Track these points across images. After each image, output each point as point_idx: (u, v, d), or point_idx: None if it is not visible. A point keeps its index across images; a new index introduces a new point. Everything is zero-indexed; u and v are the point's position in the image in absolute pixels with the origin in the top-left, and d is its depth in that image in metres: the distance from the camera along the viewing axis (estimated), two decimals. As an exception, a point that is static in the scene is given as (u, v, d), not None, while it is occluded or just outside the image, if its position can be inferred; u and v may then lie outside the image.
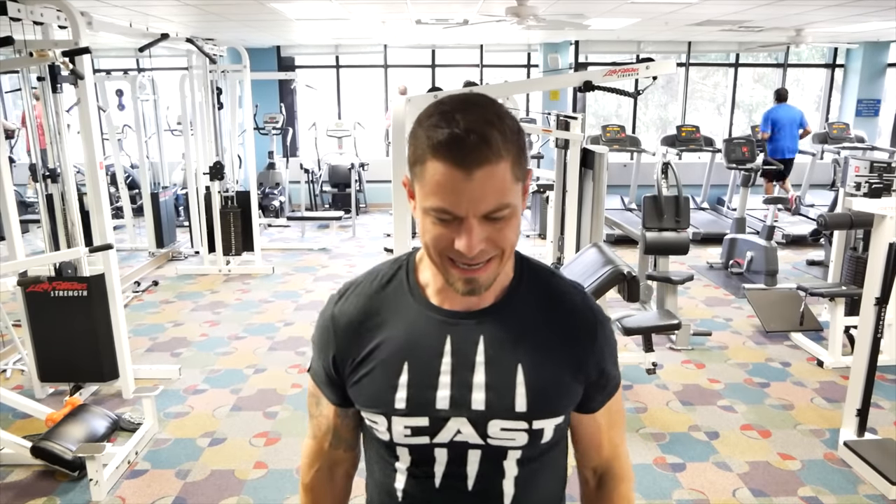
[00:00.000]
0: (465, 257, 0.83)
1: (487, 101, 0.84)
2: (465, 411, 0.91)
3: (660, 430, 3.27)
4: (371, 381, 0.94)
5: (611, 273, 3.15)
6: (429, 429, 0.92)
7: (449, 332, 0.93)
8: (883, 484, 2.72)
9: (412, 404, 0.91)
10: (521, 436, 0.92)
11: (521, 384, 0.91)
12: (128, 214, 6.96)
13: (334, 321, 0.98)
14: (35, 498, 2.72)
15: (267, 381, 3.83)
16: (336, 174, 8.91)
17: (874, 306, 2.88)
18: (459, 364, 0.92)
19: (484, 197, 0.81)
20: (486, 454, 0.93)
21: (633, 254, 5.67)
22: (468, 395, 0.91)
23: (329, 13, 5.72)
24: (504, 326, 0.94)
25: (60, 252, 3.50)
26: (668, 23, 6.74)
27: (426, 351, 0.93)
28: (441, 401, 0.91)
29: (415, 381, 0.92)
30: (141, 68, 8.53)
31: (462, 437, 0.92)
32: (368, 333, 0.96)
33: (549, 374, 0.93)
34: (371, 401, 0.94)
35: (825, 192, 8.53)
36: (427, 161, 0.81)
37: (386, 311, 0.96)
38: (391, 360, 0.93)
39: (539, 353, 0.93)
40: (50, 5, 3.19)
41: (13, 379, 3.89)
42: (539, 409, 0.92)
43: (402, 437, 0.93)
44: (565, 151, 4.40)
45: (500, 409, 0.91)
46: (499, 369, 0.92)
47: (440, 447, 0.93)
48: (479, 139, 0.79)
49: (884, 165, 4.02)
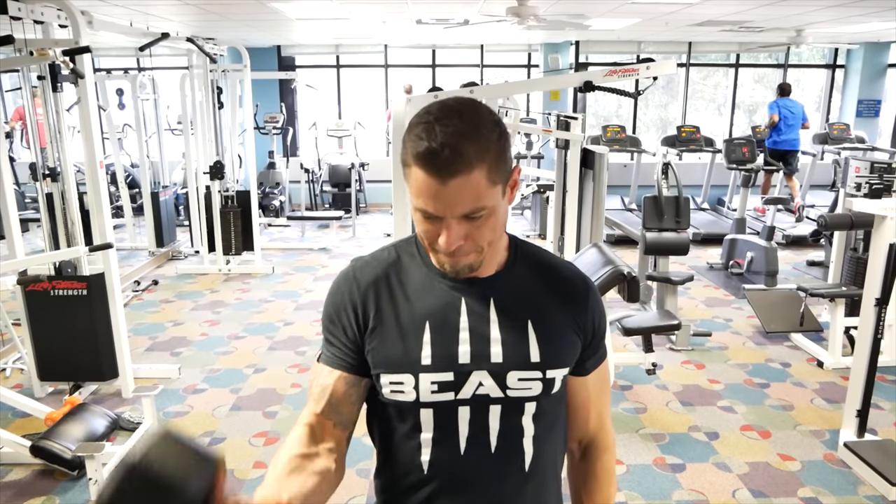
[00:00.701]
0: (445, 250, 0.94)
1: (470, 108, 0.92)
2: (486, 364, 0.99)
3: (660, 430, 3.26)
4: (394, 341, 1.00)
5: (611, 273, 3.14)
6: (453, 383, 0.98)
7: (462, 295, 1.02)
8: (883, 485, 2.72)
9: (437, 360, 0.98)
10: (536, 385, 1.00)
11: (533, 338, 1.01)
12: (128, 214, 6.96)
13: (357, 279, 1.05)
14: (34, 497, 2.72)
15: (267, 381, 3.83)
16: (336, 174, 8.91)
17: (874, 307, 2.88)
18: (476, 322, 1.01)
19: (459, 202, 0.90)
20: (506, 409, 1.00)
21: (633, 254, 5.67)
22: (487, 349, 1.00)
23: (329, 13, 5.72)
24: (509, 290, 1.04)
25: (60, 251, 3.50)
26: (669, 23, 6.73)
27: (445, 311, 1.01)
28: (463, 356, 0.99)
29: (437, 339, 0.99)
30: (141, 67, 8.53)
31: (483, 389, 0.99)
32: (388, 295, 1.03)
33: (555, 328, 1.03)
34: (397, 361, 0.99)
35: (825, 192, 8.53)
36: (411, 166, 0.91)
37: (403, 277, 1.04)
38: (413, 321, 1.00)
39: (544, 311, 1.04)
40: (50, 4, 3.18)
41: (13, 378, 3.89)
42: (551, 359, 1.01)
43: (428, 395, 0.98)
44: (565, 152, 4.39)
45: (517, 360, 1.00)
46: (511, 325, 1.01)
47: (463, 404, 0.99)
48: (452, 153, 0.87)
49: (884, 166, 4.01)
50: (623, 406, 3.51)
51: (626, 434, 3.22)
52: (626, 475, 2.88)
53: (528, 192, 6.78)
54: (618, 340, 4.19)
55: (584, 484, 1.14)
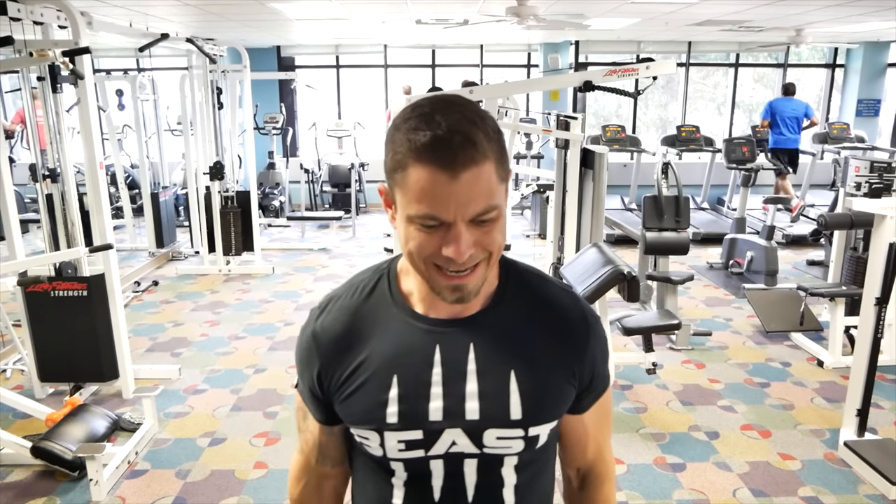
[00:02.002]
0: (455, 264, 0.81)
1: (465, 100, 0.83)
2: (460, 422, 0.89)
3: (660, 430, 3.26)
4: (360, 398, 0.91)
5: (611, 273, 3.14)
6: (423, 441, 0.90)
7: (437, 342, 0.90)
8: (883, 484, 2.72)
9: (405, 418, 0.89)
10: (517, 443, 0.91)
11: (515, 391, 0.89)
12: (128, 214, 6.96)
13: (316, 339, 0.95)
14: (35, 498, 2.72)
15: (267, 381, 3.83)
16: (336, 174, 8.91)
17: (874, 306, 2.88)
18: (451, 374, 0.89)
19: (472, 200, 0.78)
20: (483, 463, 0.92)
21: (633, 254, 5.67)
22: (462, 404, 0.89)
23: (329, 13, 5.73)
24: (494, 333, 0.91)
25: (60, 252, 3.50)
26: (669, 23, 6.73)
27: (415, 362, 0.90)
28: (434, 412, 0.89)
29: (406, 394, 0.89)
30: (141, 68, 8.54)
31: (457, 448, 0.90)
32: (353, 349, 0.92)
33: (543, 379, 0.91)
34: (361, 417, 0.91)
35: (825, 192, 8.53)
36: (409, 166, 0.78)
37: (370, 324, 0.93)
38: (379, 375, 0.90)
39: (531, 359, 0.91)
40: (50, 5, 3.18)
41: (13, 379, 3.89)
42: (535, 416, 0.90)
43: (395, 452, 0.91)
44: (565, 151, 4.40)
45: (495, 417, 0.89)
46: (491, 377, 0.89)
47: (436, 459, 0.91)
48: (464, 139, 0.76)
49: (884, 165, 4.02)
50: (623, 406, 3.51)
51: (626, 434, 3.22)
52: (627, 475, 2.88)
53: (528, 192, 6.79)
54: (618, 340, 4.19)
55: None
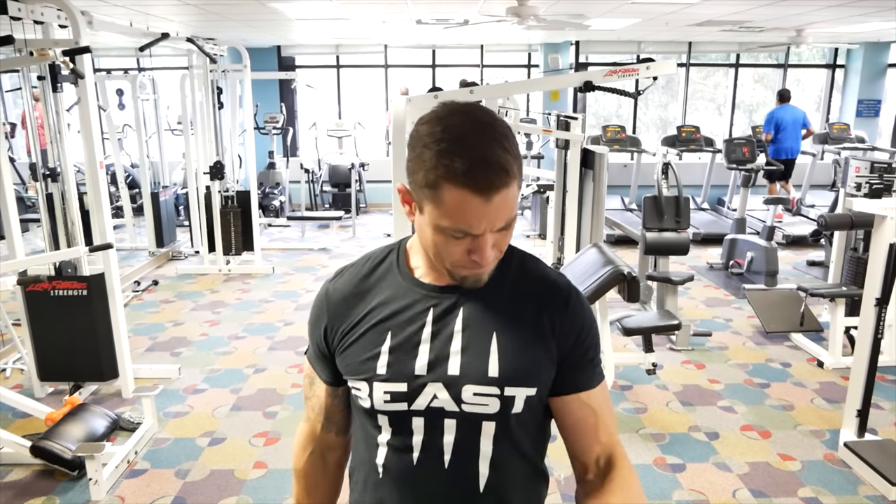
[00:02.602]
0: (479, 265, 0.92)
1: (491, 118, 0.89)
2: (442, 376, 0.96)
3: (660, 430, 3.26)
4: (356, 350, 1.00)
5: (611, 273, 3.14)
6: (406, 394, 0.96)
7: (431, 304, 0.99)
8: (883, 485, 2.72)
9: (392, 370, 0.97)
10: (493, 402, 0.95)
11: (495, 351, 0.96)
12: (128, 214, 6.96)
13: (328, 297, 1.06)
14: (34, 497, 2.72)
15: (267, 381, 3.83)
16: (336, 174, 8.91)
17: (874, 307, 2.88)
18: (438, 333, 0.98)
19: (499, 217, 0.88)
20: (461, 424, 0.96)
21: (634, 254, 5.67)
22: (445, 361, 0.96)
23: (329, 13, 5.72)
24: (483, 298, 0.99)
25: (60, 251, 3.50)
26: (669, 23, 6.73)
27: (408, 320, 0.99)
28: (420, 367, 0.96)
29: (396, 348, 0.98)
30: (141, 68, 8.53)
31: (438, 402, 0.96)
32: (357, 306, 1.02)
33: (522, 341, 0.97)
34: (356, 368, 1.00)
35: (825, 192, 8.53)
36: (444, 188, 0.85)
37: (375, 287, 1.03)
38: (376, 329, 0.99)
39: (513, 323, 0.98)
40: (50, 4, 3.18)
41: (13, 378, 3.89)
42: (510, 375, 0.95)
43: (381, 404, 0.97)
44: (566, 152, 4.40)
45: (474, 373, 0.95)
46: (475, 337, 0.97)
47: (417, 415, 0.97)
48: (499, 167, 0.84)
49: (884, 166, 4.01)
50: (623, 406, 3.51)
51: (626, 434, 3.22)
52: (627, 475, 2.87)
53: (528, 192, 6.79)
54: (618, 340, 4.19)
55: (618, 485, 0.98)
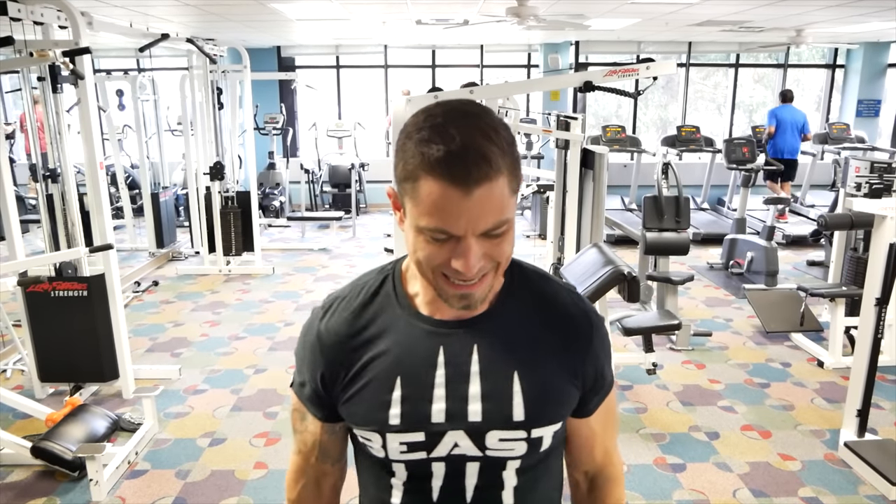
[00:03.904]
0: (463, 276, 0.81)
1: (481, 110, 0.81)
2: (462, 423, 0.89)
3: (660, 430, 3.26)
4: (363, 399, 0.91)
5: (611, 273, 3.14)
6: (425, 443, 0.89)
7: (441, 343, 0.90)
8: (883, 484, 2.72)
9: (407, 420, 0.89)
10: (520, 445, 0.90)
11: (518, 393, 0.89)
12: (128, 214, 6.96)
13: (321, 339, 0.94)
14: (35, 498, 2.72)
15: (267, 382, 3.83)
16: (336, 174, 8.91)
17: (874, 307, 2.88)
18: (454, 375, 0.89)
19: (483, 216, 0.77)
20: (485, 466, 0.91)
21: (634, 254, 5.67)
22: (464, 406, 0.89)
23: (329, 13, 5.73)
24: (498, 334, 0.91)
25: (60, 252, 3.50)
26: (669, 23, 6.73)
27: (419, 364, 0.90)
28: (437, 414, 0.89)
29: (409, 396, 0.89)
30: (141, 68, 8.54)
31: (460, 450, 0.90)
32: (358, 350, 0.92)
33: (546, 381, 0.91)
34: (364, 419, 0.91)
35: (825, 192, 8.53)
36: (420, 179, 0.77)
37: (374, 325, 0.93)
38: (383, 376, 0.90)
39: (535, 360, 0.91)
40: (50, 5, 3.19)
41: (13, 379, 3.89)
42: (537, 418, 0.90)
43: (397, 454, 0.90)
44: (565, 152, 4.39)
45: (498, 419, 0.89)
46: (495, 379, 0.89)
47: (437, 461, 0.91)
48: (478, 155, 0.75)
49: (884, 166, 4.01)
50: (623, 406, 3.51)
51: (626, 434, 3.22)
52: (627, 475, 2.87)
53: (528, 192, 6.79)
54: (618, 340, 4.19)
55: None
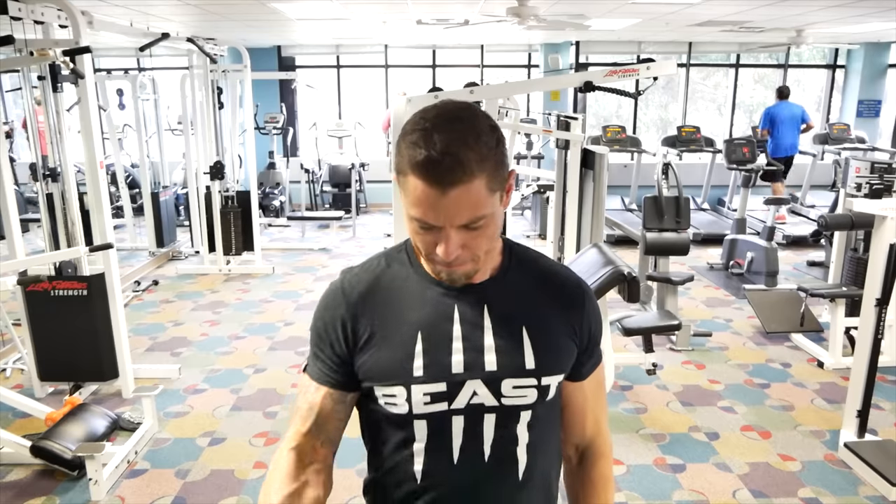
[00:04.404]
0: (444, 260, 0.92)
1: (469, 115, 0.90)
2: (479, 373, 0.97)
3: (660, 430, 3.26)
4: (386, 354, 0.98)
5: (611, 274, 3.14)
6: (446, 394, 0.97)
7: (455, 302, 1.00)
8: (883, 485, 2.72)
9: (430, 371, 0.96)
10: (531, 392, 0.99)
11: (528, 344, 1.00)
12: (128, 214, 6.96)
13: (345, 292, 1.03)
14: (34, 497, 2.72)
15: (267, 381, 3.83)
16: (336, 174, 8.91)
17: (875, 307, 2.88)
18: (469, 329, 0.99)
19: (459, 212, 0.88)
20: (500, 417, 0.99)
21: (634, 254, 5.67)
22: (480, 357, 0.98)
23: (330, 13, 5.72)
24: (504, 295, 1.02)
25: (60, 251, 3.50)
26: (669, 23, 6.73)
27: (437, 320, 0.99)
28: (456, 365, 0.97)
29: (430, 349, 0.97)
30: (141, 68, 8.53)
31: (478, 398, 0.98)
32: (378, 307, 1.01)
33: (551, 334, 1.02)
34: (388, 373, 0.98)
35: (826, 192, 8.53)
36: (409, 175, 0.88)
37: (394, 285, 1.02)
38: (405, 332, 0.98)
39: (539, 318, 1.02)
40: (51, 4, 3.18)
41: (13, 378, 3.89)
42: (546, 366, 1.00)
43: (421, 406, 0.97)
44: (566, 152, 4.39)
45: (512, 368, 0.98)
46: (506, 332, 0.99)
47: (457, 414, 0.98)
48: (453, 161, 0.85)
49: (885, 166, 4.00)
50: (623, 406, 3.51)
51: (626, 434, 3.22)
52: (627, 475, 2.88)
53: (528, 192, 6.79)
54: (618, 340, 4.19)
55: (581, 490, 1.13)
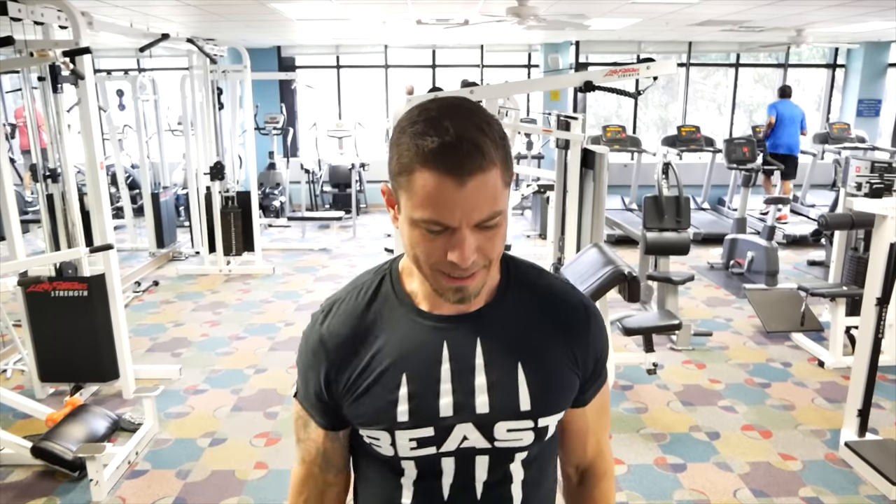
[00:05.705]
0: (459, 268, 0.82)
1: (472, 105, 0.84)
2: (470, 416, 0.90)
3: (660, 430, 3.26)
4: (369, 399, 0.91)
5: (611, 273, 3.14)
6: (434, 438, 0.90)
7: (444, 338, 0.92)
8: (884, 484, 2.72)
9: (416, 416, 0.90)
10: (527, 435, 0.92)
11: (524, 383, 0.91)
12: (128, 214, 6.96)
13: (323, 343, 0.94)
14: (35, 498, 2.72)
15: (267, 382, 3.83)
16: (336, 174, 8.92)
17: (875, 306, 2.88)
18: (459, 369, 0.91)
19: (477, 206, 0.79)
20: (493, 459, 0.93)
21: (634, 254, 5.67)
22: (471, 399, 0.90)
23: (329, 13, 5.72)
24: (499, 326, 0.93)
25: (61, 252, 3.50)
26: (669, 23, 6.73)
27: (424, 360, 0.91)
28: (445, 408, 0.90)
29: (416, 392, 0.90)
30: (141, 68, 8.53)
31: (469, 442, 0.91)
32: (361, 351, 0.93)
33: (549, 370, 0.93)
34: (371, 418, 0.92)
35: (826, 192, 8.52)
36: (416, 171, 0.79)
37: (377, 325, 0.93)
38: (388, 374, 0.91)
39: (537, 351, 0.93)
40: (50, 5, 3.18)
41: (13, 379, 3.89)
42: (543, 407, 0.92)
43: (407, 451, 0.91)
44: (566, 152, 4.39)
45: (506, 409, 0.90)
46: (499, 370, 0.91)
47: (447, 456, 0.92)
48: (472, 146, 0.77)
49: (885, 166, 4.01)
50: (624, 406, 3.51)
51: (626, 434, 3.22)
52: (627, 475, 2.88)
53: (528, 192, 6.79)
54: (618, 340, 4.19)
55: None
